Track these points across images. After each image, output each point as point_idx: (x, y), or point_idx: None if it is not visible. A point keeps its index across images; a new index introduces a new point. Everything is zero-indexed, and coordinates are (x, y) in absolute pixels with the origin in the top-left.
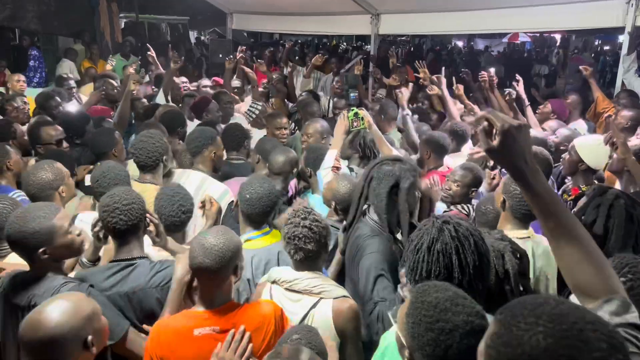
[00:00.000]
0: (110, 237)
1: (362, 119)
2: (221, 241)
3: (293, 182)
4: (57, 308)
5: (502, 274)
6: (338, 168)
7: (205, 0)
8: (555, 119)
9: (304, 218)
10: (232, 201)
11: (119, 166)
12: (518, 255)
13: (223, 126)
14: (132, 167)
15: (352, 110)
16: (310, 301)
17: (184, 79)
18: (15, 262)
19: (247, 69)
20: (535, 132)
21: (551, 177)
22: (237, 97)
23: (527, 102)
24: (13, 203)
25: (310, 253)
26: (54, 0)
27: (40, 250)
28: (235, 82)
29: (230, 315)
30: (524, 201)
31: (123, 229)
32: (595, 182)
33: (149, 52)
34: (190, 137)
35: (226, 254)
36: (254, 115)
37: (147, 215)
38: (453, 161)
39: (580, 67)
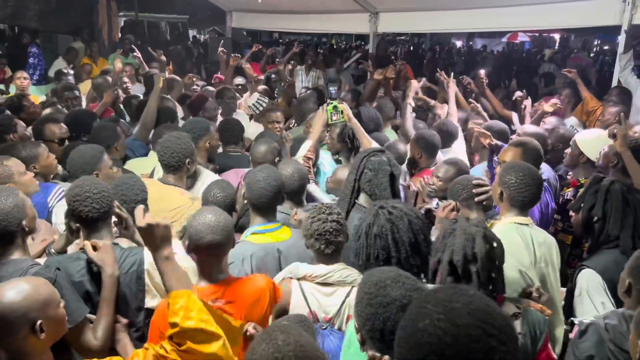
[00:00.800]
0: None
1: (342, 112)
2: (222, 217)
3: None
4: (14, 288)
5: (470, 256)
6: (309, 158)
7: None
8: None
9: (329, 213)
10: None
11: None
12: (493, 244)
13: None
14: (131, 166)
15: (332, 103)
16: (344, 291)
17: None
18: None
19: (247, 66)
20: (534, 127)
21: (552, 173)
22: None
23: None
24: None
25: (340, 245)
26: None
27: (24, 222)
28: (239, 80)
29: (232, 288)
30: (520, 189)
31: (95, 216)
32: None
33: (135, 54)
34: (184, 129)
35: (231, 228)
36: (260, 109)
37: (116, 206)
38: (444, 158)
39: (564, 71)
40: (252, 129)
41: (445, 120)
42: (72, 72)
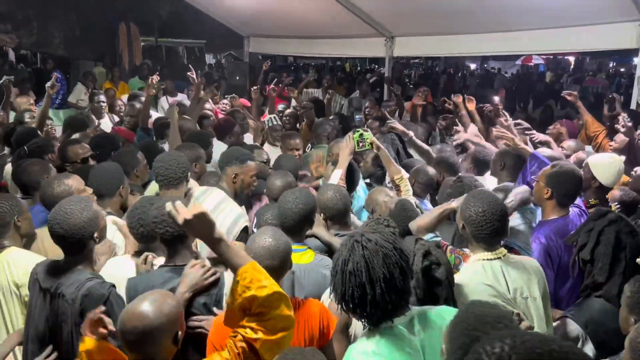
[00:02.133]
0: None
1: (368, 140)
2: (281, 241)
3: None
4: (164, 302)
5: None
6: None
7: (221, 24)
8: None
9: (387, 225)
10: (246, 226)
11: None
12: (434, 261)
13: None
14: (152, 189)
15: (358, 131)
16: None
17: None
18: None
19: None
20: (549, 151)
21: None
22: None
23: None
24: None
25: None
26: (78, 26)
27: (95, 234)
28: (280, 107)
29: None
30: (480, 225)
31: (170, 239)
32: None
33: (189, 73)
34: (223, 152)
35: (288, 252)
36: (269, 124)
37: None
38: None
39: (564, 93)
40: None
41: (481, 149)
42: (103, 98)
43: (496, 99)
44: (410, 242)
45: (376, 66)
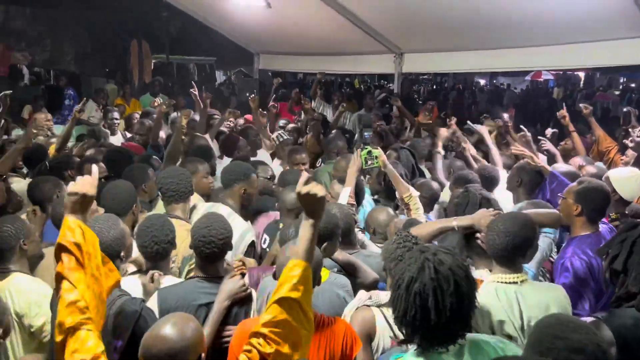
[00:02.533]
0: None
1: (376, 157)
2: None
3: None
4: (189, 325)
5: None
6: (352, 205)
7: (231, 41)
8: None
9: (415, 242)
10: (253, 241)
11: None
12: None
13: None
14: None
15: (366, 148)
16: None
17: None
18: None
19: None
20: (565, 166)
21: None
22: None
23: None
24: (20, 226)
25: None
26: (89, 43)
27: (122, 253)
28: (282, 122)
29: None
30: (497, 244)
31: (212, 257)
32: (626, 212)
33: (191, 90)
34: (225, 170)
35: (318, 267)
36: (279, 140)
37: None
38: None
39: (581, 105)
40: (275, 168)
41: (485, 165)
42: (116, 115)
43: (505, 116)
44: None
45: (385, 82)
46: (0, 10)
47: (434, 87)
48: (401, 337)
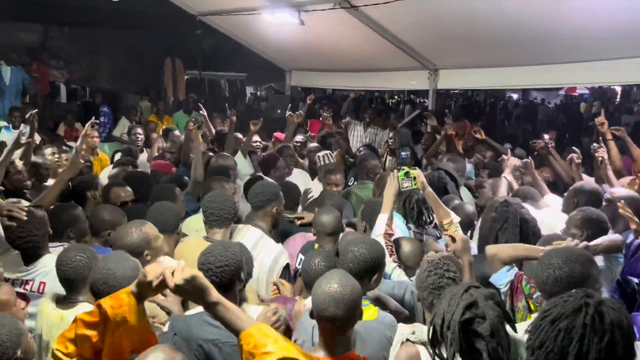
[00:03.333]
0: None
1: (414, 178)
2: (348, 287)
3: None
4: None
5: (447, 322)
6: (390, 235)
7: (262, 57)
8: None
9: (447, 270)
10: (288, 264)
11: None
12: (480, 316)
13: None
14: (190, 225)
15: (403, 169)
16: None
17: (256, 137)
18: None
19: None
20: (625, 191)
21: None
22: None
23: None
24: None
25: None
26: (125, 60)
27: None
28: (299, 137)
29: None
30: (544, 279)
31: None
32: None
33: (200, 112)
34: (254, 191)
35: (356, 301)
36: (322, 163)
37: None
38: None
39: (612, 129)
40: (316, 188)
41: (525, 187)
42: (140, 131)
43: (546, 136)
44: (458, 291)
45: (415, 97)
46: (40, 30)
47: (466, 102)
48: None
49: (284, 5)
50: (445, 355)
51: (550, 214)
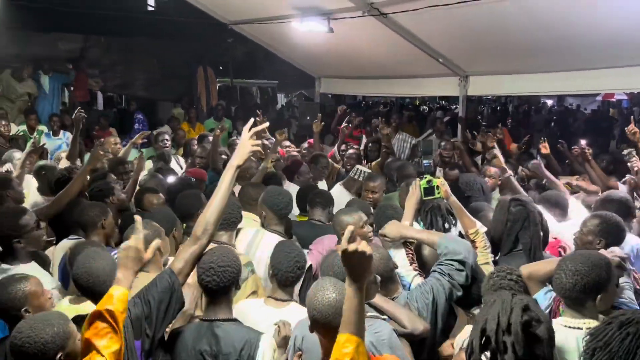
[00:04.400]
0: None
1: (438, 188)
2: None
3: None
4: None
5: (505, 326)
6: (412, 243)
7: (293, 66)
8: None
9: (509, 272)
10: (311, 265)
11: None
12: (535, 318)
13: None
14: None
15: (425, 178)
16: None
17: (287, 142)
18: None
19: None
20: None
21: None
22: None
23: None
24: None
25: None
26: (159, 70)
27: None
28: (350, 151)
29: None
30: (563, 283)
31: (214, 289)
32: None
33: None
34: (285, 200)
35: None
36: (362, 176)
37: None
38: (558, 230)
39: (627, 130)
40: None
41: (554, 193)
42: (167, 137)
43: (583, 142)
44: (507, 296)
45: (446, 103)
46: (79, 40)
47: (499, 107)
48: None
49: (313, 13)
50: None
51: (569, 227)
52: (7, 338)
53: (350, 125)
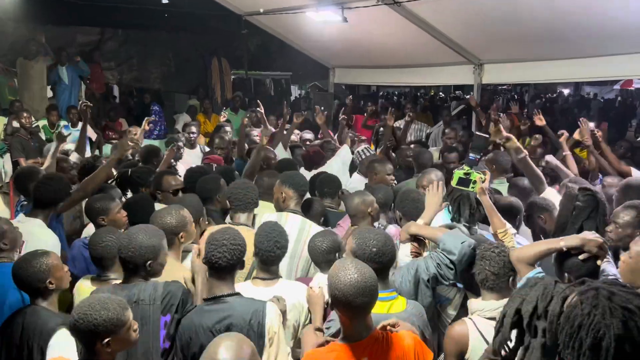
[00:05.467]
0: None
1: (474, 182)
2: (367, 275)
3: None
4: (230, 349)
5: (541, 311)
6: (418, 254)
7: (306, 55)
8: None
9: (499, 253)
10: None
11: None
12: None
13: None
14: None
15: (464, 169)
16: None
17: (309, 135)
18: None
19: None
20: None
21: None
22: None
23: None
24: (120, 236)
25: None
26: (174, 62)
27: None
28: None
29: (378, 346)
30: None
31: (223, 265)
32: None
33: (258, 109)
34: (303, 178)
35: (376, 285)
36: (362, 157)
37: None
38: None
39: None
40: (355, 183)
41: (576, 178)
42: (194, 123)
43: (592, 124)
44: (549, 282)
45: (461, 92)
46: (96, 32)
47: (515, 96)
48: None
49: (327, 3)
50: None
51: None
52: (26, 307)
53: (347, 117)
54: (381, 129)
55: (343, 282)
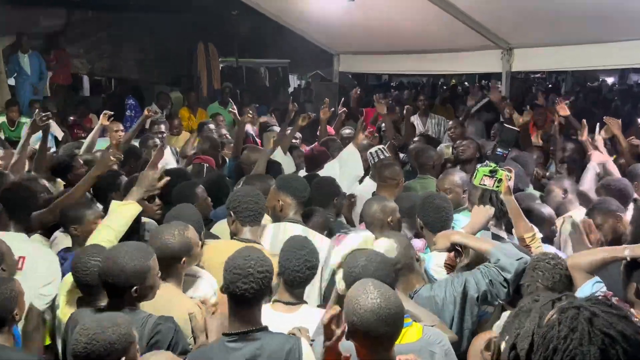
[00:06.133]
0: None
1: (500, 181)
2: (392, 301)
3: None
4: None
5: None
6: (452, 267)
7: (307, 41)
8: None
9: (555, 265)
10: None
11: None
12: None
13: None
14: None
15: (490, 165)
16: None
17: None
18: None
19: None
20: None
21: None
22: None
23: None
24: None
25: None
26: (152, 49)
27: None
28: (347, 131)
29: None
30: None
31: (250, 297)
32: None
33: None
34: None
35: (402, 314)
36: (376, 159)
37: None
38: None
39: None
40: (366, 190)
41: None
42: (163, 129)
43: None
44: (545, 303)
45: (487, 82)
46: (62, 15)
47: (550, 86)
48: None
49: None
50: None
51: None
52: None
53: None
54: (382, 125)
55: (364, 308)
